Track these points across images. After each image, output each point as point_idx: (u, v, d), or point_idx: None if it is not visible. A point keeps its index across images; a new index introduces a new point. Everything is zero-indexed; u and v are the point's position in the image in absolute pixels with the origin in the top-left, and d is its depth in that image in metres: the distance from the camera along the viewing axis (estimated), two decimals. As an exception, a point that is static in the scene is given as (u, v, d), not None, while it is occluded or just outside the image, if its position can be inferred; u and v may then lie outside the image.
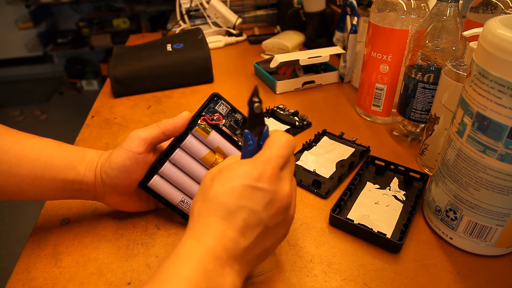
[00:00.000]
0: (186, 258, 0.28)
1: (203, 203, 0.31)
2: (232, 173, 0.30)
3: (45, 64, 3.21)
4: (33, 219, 1.74)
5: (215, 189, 0.30)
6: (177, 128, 0.39)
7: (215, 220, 0.30)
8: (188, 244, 0.29)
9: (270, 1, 1.20)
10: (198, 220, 0.30)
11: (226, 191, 0.30)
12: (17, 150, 0.37)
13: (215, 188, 0.30)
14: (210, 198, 0.30)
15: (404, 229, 0.42)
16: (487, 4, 0.54)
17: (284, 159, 0.32)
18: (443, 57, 0.50)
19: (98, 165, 0.40)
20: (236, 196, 0.29)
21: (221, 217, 0.30)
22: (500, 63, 0.31)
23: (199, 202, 0.31)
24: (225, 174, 0.31)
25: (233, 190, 0.30)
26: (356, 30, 0.74)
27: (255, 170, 0.30)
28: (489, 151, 0.34)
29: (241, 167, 0.30)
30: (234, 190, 0.30)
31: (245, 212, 0.30)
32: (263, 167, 0.30)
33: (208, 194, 0.30)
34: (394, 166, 0.52)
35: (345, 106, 0.72)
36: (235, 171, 0.30)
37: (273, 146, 0.32)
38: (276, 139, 0.32)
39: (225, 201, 0.30)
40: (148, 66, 0.77)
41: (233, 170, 0.31)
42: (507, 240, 0.39)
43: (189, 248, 0.29)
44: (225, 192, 0.30)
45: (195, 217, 0.31)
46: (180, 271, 0.28)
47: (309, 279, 0.38)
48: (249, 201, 0.30)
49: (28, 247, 0.42)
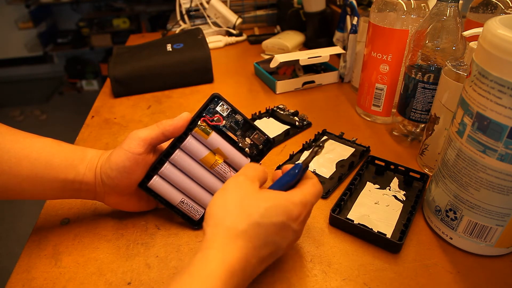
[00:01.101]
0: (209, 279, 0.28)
1: (242, 220, 0.31)
2: (279, 205, 0.32)
3: (45, 64, 3.21)
4: (33, 219, 1.73)
5: (261, 215, 0.31)
6: (177, 128, 0.39)
7: (248, 246, 0.30)
8: (213, 261, 0.29)
9: (270, 1, 1.20)
10: (232, 237, 0.30)
11: (271, 224, 0.31)
12: (18, 150, 0.37)
13: (261, 215, 0.31)
14: (253, 223, 0.30)
15: (404, 229, 0.42)
16: (487, 4, 0.54)
17: (314, 204, 0.35)
18: (443, 57, 0.50)
19: (98, 165, 0.40)
20: (276, 231, 0.31)
21: (254, 246, 0.31)
22: (500, 63, 0.31)
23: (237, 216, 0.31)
24: (272, 202, 0.32)
25: (276, 225, 0.31)
26: (356, 30, 0.74)
27: (295, 210, 0.32)
28: (489, 151, 0.34)
29: (287, 203, 0.32)
30: (277, 225, 0.31)
31: (274, 246, 0.32)
32: (301, 209, 0.33)
33: (252, 217, 0.31)
34: (394, 166, 0.52)
35: (345, 106, 0.72)
36: (281, 203, 0.32)
37: (313, 191, 0.34)
38: (315, 185, 0.35)
39: (267, 234, 0.31)
40: (148, 66, 0.77)
41: (280, 201, 0.32)
42: (507, 240, 0.39)
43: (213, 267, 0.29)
44: (269, 224, 0.31)
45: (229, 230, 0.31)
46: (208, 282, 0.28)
47: (309, 279, 0.38)
48: (282, 238, 0.32)
49: (28, 247, 0.42)
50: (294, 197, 0.33)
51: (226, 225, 0.31)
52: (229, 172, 0.41)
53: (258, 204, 0.31)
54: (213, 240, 0.30)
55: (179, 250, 0.41)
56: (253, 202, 0.32)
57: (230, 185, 0.34)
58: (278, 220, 0.31)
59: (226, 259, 0.29)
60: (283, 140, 0.61)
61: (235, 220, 0.31)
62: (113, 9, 2.87)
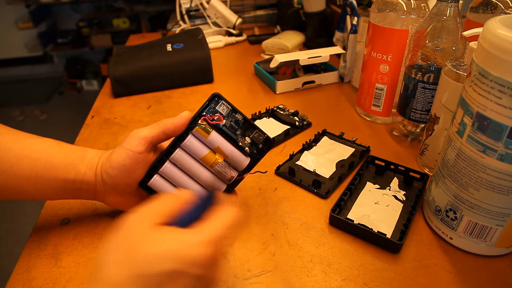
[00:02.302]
0: None
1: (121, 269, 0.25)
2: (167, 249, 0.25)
3: (45, 64, 3.21)
4: (33, 219, 1.73)
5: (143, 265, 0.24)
6: (177, 127, 0.39)
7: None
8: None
9: (270, 1, 1.20)
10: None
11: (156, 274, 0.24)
12: (18, 150, 0.37)
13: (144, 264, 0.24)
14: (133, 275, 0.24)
15: (404, 229, 0.42)
16: (487, 4, 0.54)
17: (229, 238, 0.28)
18: (443, 57, 0.50)
19: (98, 165, 0.40)
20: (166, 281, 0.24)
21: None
22: (500, 63, 0.31)
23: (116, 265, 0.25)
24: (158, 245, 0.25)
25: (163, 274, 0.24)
26: (356, 30, 0.74)
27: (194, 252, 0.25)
28: (489, 151, 0.34)
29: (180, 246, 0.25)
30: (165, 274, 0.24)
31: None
32: (204, 250, 0.25)
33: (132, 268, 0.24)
34: (394, 166, 0.52)
35: (345, 106, 0.72)
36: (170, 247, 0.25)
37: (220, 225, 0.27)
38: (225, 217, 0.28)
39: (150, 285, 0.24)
40: (148, 66, 0.77)
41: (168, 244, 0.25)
42: (507, 240, 0.39)
43: None
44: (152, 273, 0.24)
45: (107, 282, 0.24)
46: None
47: (309, 279, 0.38)
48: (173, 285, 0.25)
49: (28, 247, 0.42)
50: (192, 238, 0.26)
51: (101, 278, 0.25)
52: (229, 171, 0.41)
53: (139, 252, 0.25)
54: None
55: (179, 250, 0.41)
56: (135, 249, 0.25)
57: (118, 228, 0.27)
58: (167, 267, 0.24)
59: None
60: (283, 140, 0.61)
61: (112, 272, 0.25)
62: (113, 9, 2.87)
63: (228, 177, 0.41)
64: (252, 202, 0.48)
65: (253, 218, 0.46)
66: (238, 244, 0.42)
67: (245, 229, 0.44)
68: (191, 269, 0.25)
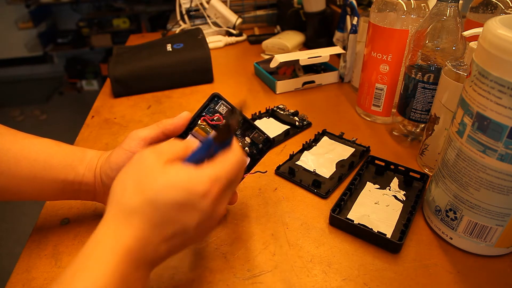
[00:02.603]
0: (102, 260, 0.26)
1: (137, 196, 0.28)
2: (178, 181, 0.28)
3: (45, 64, 3.21)
4: (33, 219, 1.73)
5: (156, 191, 0.28)
6: (177, 128, 0.39)
7: (144, 225, 0.28)
8: (106, 240, 0.27)
9: (270, 1, 1.20)
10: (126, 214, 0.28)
11: (168, 201, 0.28)
12: (17, 151, 0.37)
13: (157, 191, 0.28)
14: (147, 199, 0.28)
15: (404, 229, 0.42)
16: (487, 4, 0.54)
17: (232, 181, 0.31)
18: (443, 57, 0.50)
19: (98, 166, 0.40)
20: (175, 209, 0.28)
21: (151, 224, 0.28)
22: (500, 63, 0.31)
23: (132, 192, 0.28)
24: (170, 176, 0.28)
25: (174, 202, 0.28)
26: (356, 30, 0.74)
27: (201, 187, 0.28)
28: (489, 151, 0.34)
29: (189, 179, 0.29)
30: (176, 203, 0.28)
31: (177, 225, 0.29)
32: (209, 186, 0.29)
33: (147, 193, 0.28)
34: (394, 166, 0.52)
35: (345, 106, 0.72)
36: (181, 179, 0.28)
37: (226, 165, 0.30)
38: (230, 159, 0.31)
39: (163, 211, 0.28)
40: (148, 66, 0.77)
41: (180, 177, 0.28)
42: (507, 240, 0.39)
43: (107, 247, 0.27)
44: (166, 201, 0.28)
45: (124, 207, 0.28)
46: (94, 275, 0.25)
47: (309, 279, 0.38)
48: (186, 217, 0.29)
49: (28, 247, 0.42)
50: (201, 173, 0.29)
51: (120, 202, 0.28)
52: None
53: (155, 180, 0.28)
54: (107, 219, 0.28)
55: (179, 250, 0.41)
56: (151, 178, 0.28)
57: (133, 160, 0.31)
58: (178, 196, 0.28)
59: (119, 238, 0.27)
60: (283, 140, 0.61)
61: (130, 196, 0.28)
62: (113, 9, 2.87)
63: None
64: (252, 202, 0.48)
65: (253, 218, 0.46)
66: (238, 244, 0.42)
67: (245, 229, 0.44)
68: (199, 201, 0.28)
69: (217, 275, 0.39)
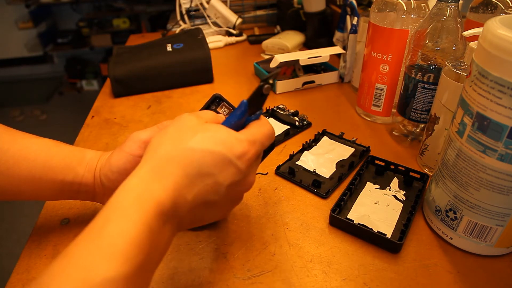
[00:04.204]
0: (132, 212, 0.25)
1: (175, 146, 0.28)
2: (219, 136, 0.29)
3: (45, 64, 3.21)
4: (33, 219, 1.74)
5: (196, 141, 0.28)
6: None
7: (179, 174, 0.27)
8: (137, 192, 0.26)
9: (270, 1, 1.20)
10: (162, 163, 0.28)
11: (206, 151, 0.28)
12: (16, 151, 0.37)
13: (197, 141, 0.28)
14: (186, 148, 0.28)
15: (404, 229, 0.42)
16: (487, 4, 0.54)
17: (264, 147, 0.33)
18: (443, 57, 0.50)
19: (97, 167, 0.40)
20: (213, 162, 0.28)
21: (187, 174, 0.28)
22: (500, 63, 0.31)
23: (170, 143, 0.29)
24: (211, 132, 0.29)
25: (213, 154, 0.28)
26: (356, 30, 0.74)
27: (239, 146, 0.29)
28: (489, 151, 0.34)
29: (229, 136, 0.30)
30: (214, 154, 0.28)
31: (211, 180, 0.29)
32: (247, 146, 0.30)
33: (186, 143, 0.28)
34: (394, 166, 0.52)
35: (345, 106, 0.72)
36: (222, 134, 0.29)
37: (261, 130, 0.32)
38: (265, 125, 0.33)
39: (201, 161, 0.28)
40: (148, 66, 0.77)
41: (220, 132, 0.29)
42: (507, 240, 0.39)
43: (138, 199, 0.26)
44: (204, 151, 0.28)
45: (160, 157, 0.28)
46: (124, 228, 0.24)
47: (309, 279, 0.38)
48: (221, 173, 0.29)
49: (28, 247, 0.42)
50: (238, 133, 0.30)
51: (157, 152, 0.28)
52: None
53: (195, 132, 0.29)
54: (140, 170, 0.28)
55: (179, 250, 0.41)
56: (191, 130, 0.29)
57: (174, 120, 0.32)
58: (217, 149, 0.28)
59: (151, 191, 0.26)
60: (283, 140, 0.61)
61: (167, 147, 0.28)
62: (113, 9, 2.87)
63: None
64: (252, 202, 0.48)
65: (253, 218, 0.46)
66: (238, 244, 0.42)
67: (245, 229, 0.44)
68: (236, 160, 0.29)
69: (217, 275, 0.39)
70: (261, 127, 0.32)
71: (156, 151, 0.29)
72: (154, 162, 0.28)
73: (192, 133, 0.29)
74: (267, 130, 0.33)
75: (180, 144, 0.28)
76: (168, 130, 0.30)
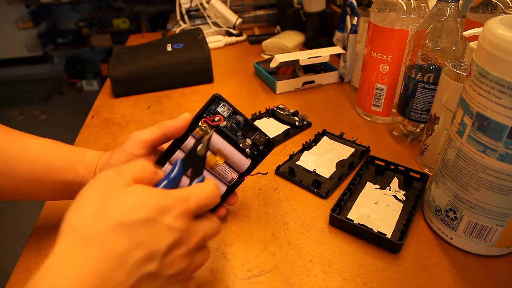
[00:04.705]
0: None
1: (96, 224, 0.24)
2: (147, 199, 0.26)
3: (45, 64, 3.20)
4: (33, 219, 1.73)
5: (121, 214, 0.25)
6: (178, 129, 0.39)
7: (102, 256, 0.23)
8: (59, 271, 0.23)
9: (270, 1, 1.20)
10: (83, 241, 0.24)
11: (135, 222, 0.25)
12: (16, 151, 0.37)
13: (122, 214, 0.25)
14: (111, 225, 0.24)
15: (404, 229, 0.42)
16: (487, 4, 0.54)
17: (203, 207, 0.29)
18: (443, 57, 0.50)
19: (97, 167, 0.40)
20: (141, 231, 0.25)
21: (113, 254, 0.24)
22: (500, 63, 0.31)
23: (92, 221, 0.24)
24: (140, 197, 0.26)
25: (142, 222, 0.25)
26: (356, 30, 0.74)
27: (167, 201, 0.26)
28: (489, 151, 0.34)
29: (158, 196, 0.26)
30: (143, 222, 0.25)
31: (144, 251, 0.25)
32: (177, 202, 0.27)
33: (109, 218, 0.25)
34: (394, 166, 0.52)
35: (345, 106, 0.72)
36: (150, 197, 0.26)
37: (200, 189, 0.29)
38: (206, 185, 0.30)
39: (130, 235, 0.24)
40: (148, 66, 0.77)
41: (149, 195, 0.26)
42: (507, 240, 0.39)
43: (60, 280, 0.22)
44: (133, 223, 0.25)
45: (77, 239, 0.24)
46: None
47: (309, 279, 0.38)
48: (152, 238, 0.25)
49: (28, 247, 0.42)
50: (167, 193, 0.27)
51: (76, 230, 0.24)
52: (229, 172, 0.41)
53: (120, 200, 0.25)
54: (57, 250, 0.24)
55: (179, 250, 0.41)
56: (115, 199, 0.25)
57: (94, 181, 0.27)
58: (146, 215, 0.25)
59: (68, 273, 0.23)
60: (283, 140, 0.61)
61: (89, 222, 0.24)
62: (113, 9, 2.87)
63: (229, 178, 0.41)
64: (252, 202, 0.48)
65: (253, 218, 0.46)
66: (238, 244, 0.42)
67: (245, 229, 0.44)
68: (164, 217, 0.26)
69: (217, 275, 0.39)
70: (201, 186, 0.30)
71: (75, 228, 0.25)
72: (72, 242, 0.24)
73: (117, 201, 0.25)
74: (208, 189, 0.30)
75: (104, 219, 0.25)
76: (88, 197, 0.26)
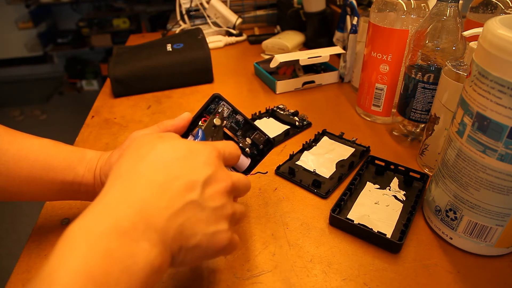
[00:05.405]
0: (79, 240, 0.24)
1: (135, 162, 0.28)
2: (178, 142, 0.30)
3: (45, 64, 3.21)
4: (33, 219, 1.73)
5: (158, 153, 0.29)
6: (178, 129, 0.39)
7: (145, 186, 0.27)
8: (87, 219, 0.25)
9: (270, 1, 1.20)
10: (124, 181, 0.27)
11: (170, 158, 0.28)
12: (15, 151, 0.37)
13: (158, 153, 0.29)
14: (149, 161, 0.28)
15: (404, 229, 0.42)
16: (487, 4, 0.54)
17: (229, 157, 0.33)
18: (443, 57, 0.50)
19: (97, 166, 0.40)
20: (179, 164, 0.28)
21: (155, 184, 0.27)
22: (500, 63, 0.31)
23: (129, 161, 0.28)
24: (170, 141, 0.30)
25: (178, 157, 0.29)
26: (356, 30, 0.74)
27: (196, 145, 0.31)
28: (489, 151, 0.34)
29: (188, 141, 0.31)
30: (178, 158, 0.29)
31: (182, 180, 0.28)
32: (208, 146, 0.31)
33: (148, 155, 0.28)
34: (394, 166, 0.52)
35: (345, 106, 0.72)
36: (180, 141, 0.31)
37: (224, 143, 0.34)
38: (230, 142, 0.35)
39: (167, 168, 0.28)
40: (148, 66, 0.77)
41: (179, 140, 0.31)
42: (507, 240, 0.39)
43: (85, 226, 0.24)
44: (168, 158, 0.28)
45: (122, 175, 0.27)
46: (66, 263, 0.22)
47: (309, 279, 0.38)
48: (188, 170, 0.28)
49: (28, 247, 0.42)
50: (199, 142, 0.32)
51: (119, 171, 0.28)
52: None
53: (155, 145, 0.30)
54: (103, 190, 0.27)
55: (179, 250, 0.41)
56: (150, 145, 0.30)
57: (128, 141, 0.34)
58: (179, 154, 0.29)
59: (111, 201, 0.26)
60: (283, 140, 0.61)
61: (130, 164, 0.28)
62: (113, 9, 2.87)
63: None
64: (252, 202, 0.48)
65: (253, 218, 0.46)
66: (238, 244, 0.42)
67: (245, 229, 0.44)
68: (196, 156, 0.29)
69: (217, 275, 0.39)
70: (225, 142, 0.34)
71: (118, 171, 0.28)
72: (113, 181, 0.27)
73: (151, 147, 0.29)
74: (229, 143, 0.34)
75: (141, 158, 0.29)
76: (127, 151, 0.30)
